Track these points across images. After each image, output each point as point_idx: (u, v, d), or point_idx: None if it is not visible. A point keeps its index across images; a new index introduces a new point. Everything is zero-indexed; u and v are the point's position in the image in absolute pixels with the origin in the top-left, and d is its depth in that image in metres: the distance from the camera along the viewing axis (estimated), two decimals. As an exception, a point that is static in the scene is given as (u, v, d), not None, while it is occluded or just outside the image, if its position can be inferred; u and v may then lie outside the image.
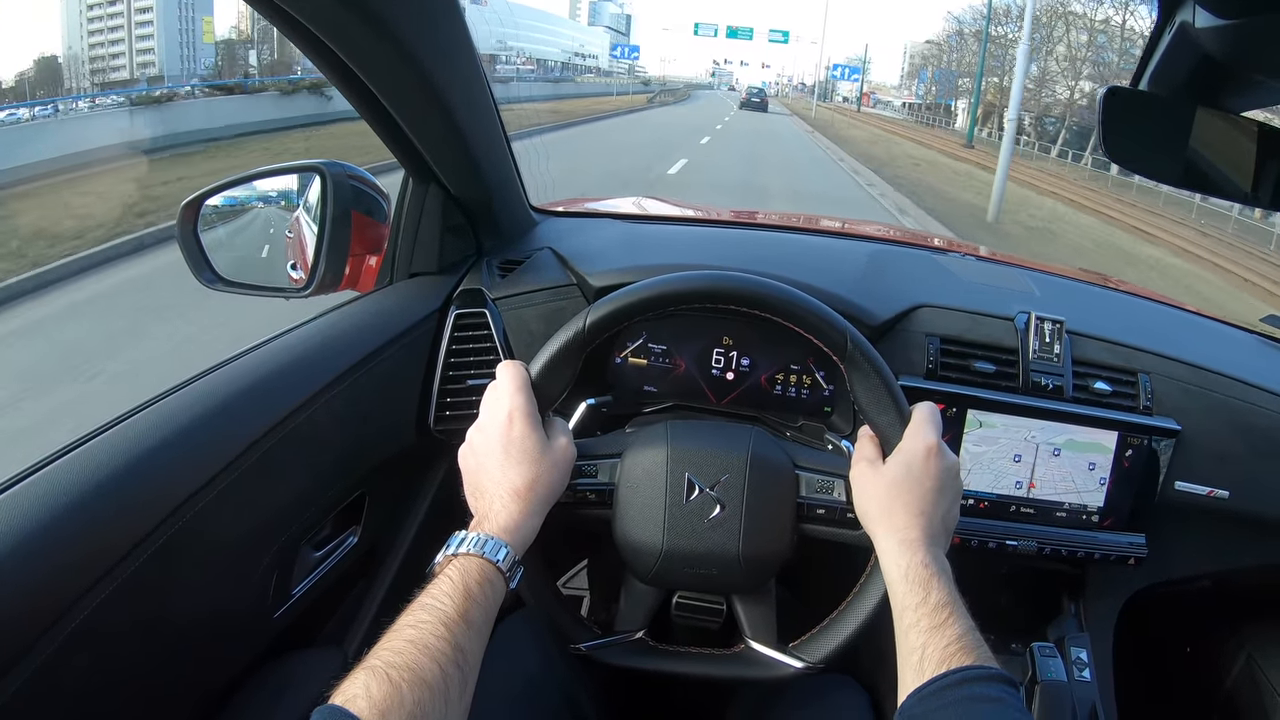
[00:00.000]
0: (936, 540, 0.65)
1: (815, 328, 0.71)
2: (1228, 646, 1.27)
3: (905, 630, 0.60)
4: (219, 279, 0.96)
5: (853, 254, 1.15)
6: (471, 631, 0.56)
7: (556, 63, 72.44)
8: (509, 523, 0.64)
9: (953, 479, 0.69)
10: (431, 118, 0.86)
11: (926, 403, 0.71)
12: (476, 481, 0.68)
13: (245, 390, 0.77)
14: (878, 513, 0.67)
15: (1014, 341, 0.99)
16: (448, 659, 0.53)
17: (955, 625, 0.58)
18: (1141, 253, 11.66)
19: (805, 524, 0.73)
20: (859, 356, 0.71)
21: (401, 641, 0.53)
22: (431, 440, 0.97)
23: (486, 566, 0.60)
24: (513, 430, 0.67)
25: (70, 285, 4.71)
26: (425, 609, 0.56)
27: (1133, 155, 0.76)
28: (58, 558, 0.57)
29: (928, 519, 0.65)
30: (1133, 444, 0.97)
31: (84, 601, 0.58)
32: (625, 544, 0.73)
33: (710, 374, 0.97)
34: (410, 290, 1.00)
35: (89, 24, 20.77)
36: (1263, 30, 0.57)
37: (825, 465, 0.74)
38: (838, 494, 0.72)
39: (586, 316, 0.71)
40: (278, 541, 0.79)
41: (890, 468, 0.68)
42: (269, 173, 0.99)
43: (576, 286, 1.00)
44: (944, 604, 0.60)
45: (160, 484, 0.65)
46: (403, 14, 0.72)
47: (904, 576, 0.62)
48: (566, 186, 2.71)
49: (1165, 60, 0.71)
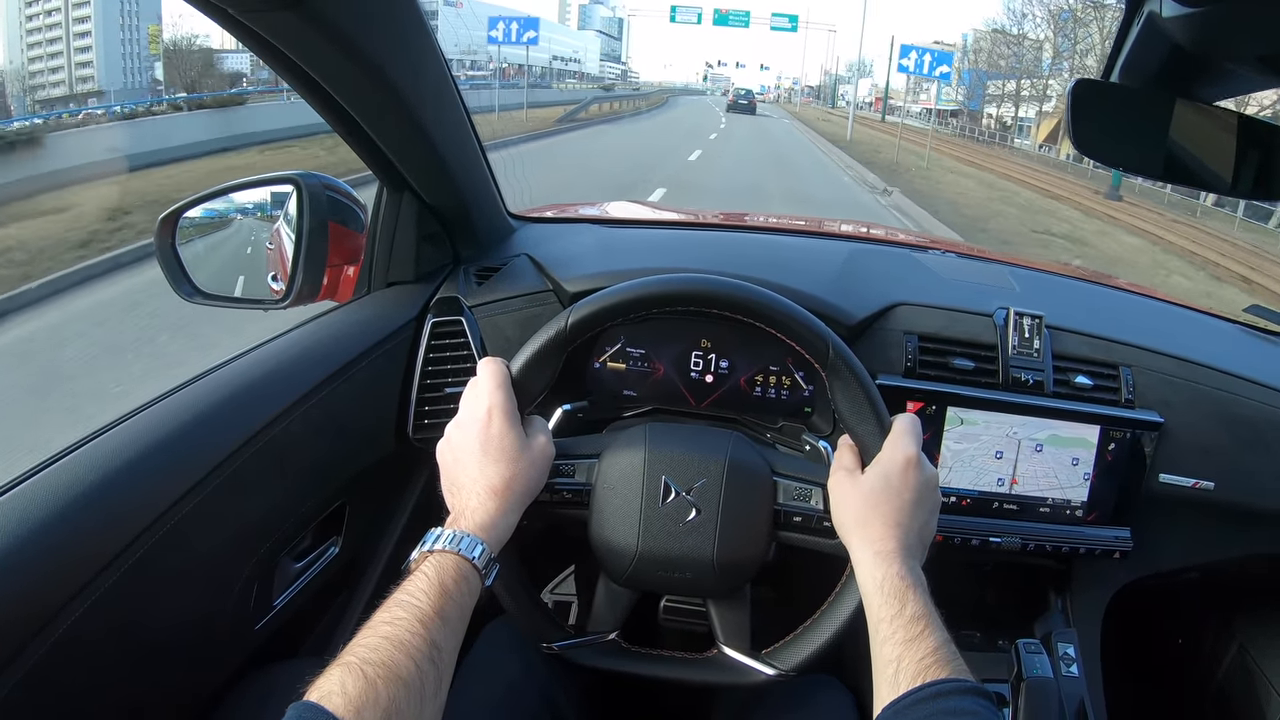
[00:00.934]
0: (912, 552, 0.64)
1: (798, 334, 0.71)
2: (1219, 638, 1.26)
3: (881, 642, 0.59)
4: (198, 292, 0.96)
5: (830, 254, 1.14)
6: (447, 628, 0.56)
7: (538, 68, 66.84)
8: (485, 520, 0.64)
9: (931, 491, 0.68)
10: (402, 130, 0.85)
11: (907, 414, 0.71)
12: (454, 477, 0.68)
13: (222, 402, 0.77)
14: (854, 523, 0.66)
15: (993, 337, 0.98)
16: (423, 655, 0.53)
17: (931, 638, 0.58)
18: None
19: (781, 531, 0.72)
20: (841, 365, 0.70)
21: (377, 638, 0.53)
22: (411, 449, 0.96)
23: (462, 563, 0.60)
24: (491, 427, 0.67)
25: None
26: (401, 605, 0.56)
27: (1103, 148, 0.75)
28: (39, 569, 0.57)
29: (904, 530, 0.65)
30: (1115, 438, 0.96)
31: (66, 612, 0.58)
32: (600, 545, 0.73)
33: (689, 377, 0.96)
34: (387, 299, 0.99)
35: (28, 36, 19.68)
36: (1228, 17, 0.56)
37: (803, 473, 0.73)
38: (815, 502, 0.71)
39: (569, 315, 0.71)
40: (258, 552, 0.79)
41: (869, 478, 0.67)
42: (245, 185, 0.99)
43: (552, 292, 0.99)
44: (919, 616, 0.59)
45: (139, 496, 0.65)
46: (370, 32, 0.71)
47: (879, 588, 0.61)
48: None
49: (1135, 51, 0.70)
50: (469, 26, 48.15)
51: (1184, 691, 1.30)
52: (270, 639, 0.83)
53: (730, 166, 14.20)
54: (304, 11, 0.63)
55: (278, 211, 1.00)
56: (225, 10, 0.63)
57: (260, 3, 0.63)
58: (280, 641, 0.86)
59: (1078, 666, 1.00)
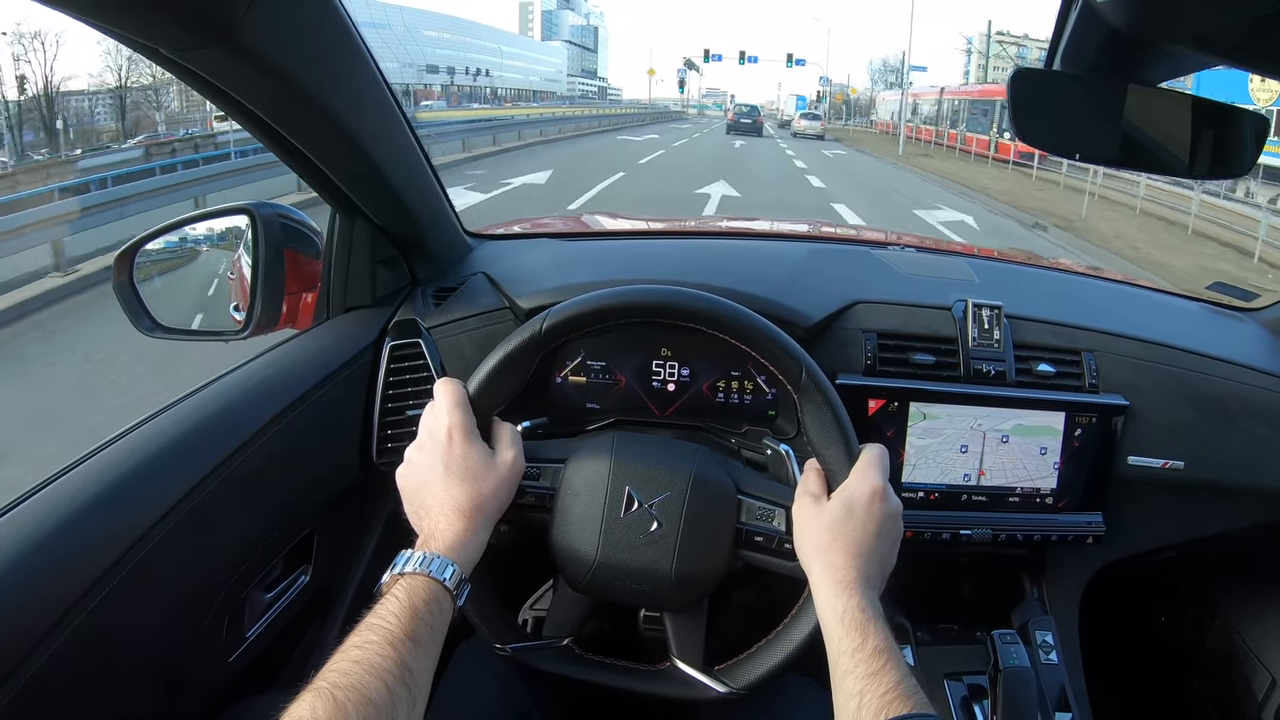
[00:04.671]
0: (872, 583, 0.63)
1: (772, 355, 0.70)
2: (1202, 614, 1.23)
3: (842, 675, 0.58)
4: (158, 326, 0.94)
5: (787, 256, 1.11)
6: (419, 650, 0.55)
7: (485, 88, 58.58)
8: (454, 541, 0.62)
9: (894, 524, 0.67)
10: (348, 157, 0.83)
11: (876, 445, 0.69)
12: (420, 500, 0.66)
13: (184, 435, 0.74)
14: (816, 549, 0.65)
15: (953, 330, 0.95)
16: (394, 678, 0.52)
17: (892, 672, 0.56)
18: None
19: (742, 550, 0.70)
20: (813, 389, 0.69)
21: (348, 662, 0.52)
22: (376, 474, 0.94)
23: (433, 585, 0.59)
24: (453, 448, 0.65)
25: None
26: (372, 629, 0.55)
27: (1050, 137, 0.73)
28: (4, 608, 0.56)
29: (865, 561, 0.63)
30: (1081, 423, 0.93)
31: (36, 653, 0.57)
32: (560, 550, 0.71)
33: (651, 387, 0.94)
34: (345, 325, 0.96)
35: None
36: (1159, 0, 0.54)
37: (768, 494, 0.71)
38: (778, 523, 0.69)
39: (544, 319, 0.69)
40: (227, 585, 0.77)
41: (833, 506, 0.66)
42: (198, 217, 0.96)
43: (509, 310, 0.97)
44: (881, 650, 0.57)
45: (103, 534, 0.64)
46: (306, 63, 0.69)
47: (840, 620, 0.60)
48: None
49: (1074, 38, 0.67)
50: (387, 44, 44.40)
51: (1170, 670, 1.27)
52: (245, 671, 0.81)
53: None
54: (236, 47, 0.61)
55: (223, 240, 0.98)
56: (157, 50, 0.62)
57: (191, 41, 0.61)
58: (256, 673, 0.84)
59: (1056, 654, 0.97)
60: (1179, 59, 0.68)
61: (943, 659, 0.97)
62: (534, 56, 75.02)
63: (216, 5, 0.58)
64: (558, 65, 78.39)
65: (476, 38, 61.60)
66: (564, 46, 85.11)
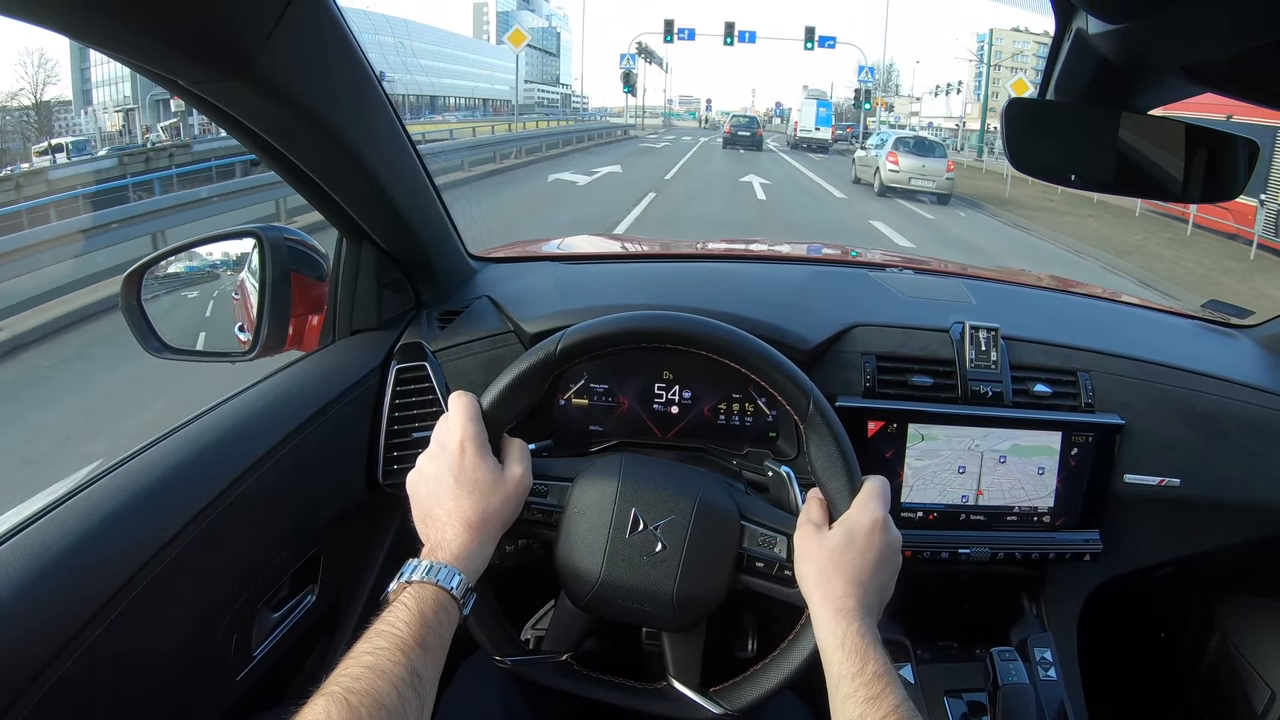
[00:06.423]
0: (870, 611, 0.63)
1: (780, 385, 0.70)
2: (1200, 629, 1.22)
3: (842, 700, 0.58)
4: (165, 347, 0.94)
5: (787, 279, 1.11)
6: (428, 656, 0.55)
7: (425, 97, 50.18)
8: (461, 551, 0.62)
9: (894, 555, 0.67)
10: (358, 184, 0.83)
11: (878, 476, 0.69)
12: (428, 509, 0.66)
13: (193, 457, 0.74)
14: (816, 577, 0.65)
15: (950, 352, 0.95)
16: (405, 684, 0.52)
17: (891, 696, 0.56)
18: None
19: (743, 575, 0.70)
20: (819, 420, 0.69)
21: (359, 668, 0.52)
22: (382, 495, 0.93)
23: (440, 594, 0.59)
24: (465, 460, 0.66)
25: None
26: (382, 635, 0.55)
27: (1044, 164, 0.73)
28: (16, 631, 0.57)
29: (864, 590, 0.63)
30: (1078, 443, 0.93)
31: (46, 674, 0.57)
32: (564, 567, 0.71)
33: (653, 409, 0.93)
34: (352, 347, 0.96)
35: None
36: (1150, 31, 0.54)
37: (771, 521, 0.71)
38: (779, 550, 0.69)
39: (559, 340, 0.70)
40: (234, 604, 0.76)
41: (835, 535, 0.66)
42: (206, 240, 0.96)
43: (513, 334, 0.97)
44: (880, 674, 0.57)
45: (113, 555, 0.64)
46: (321, 94, 0.70)
47: (840, 645, 0.60)
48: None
49: (1067, 68, 0.68)
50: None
51: (1168, 685, 1.26)
52: (252, 690, 0.81)
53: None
54: (253, 80, 0.62)
55: (230, 265, 0.98)
56: (176, 82, 0.62)
57: (210, 74, 0.62)
58: (263, 692, 0.83)
59: (1055, 670, 0.97)
60: (1168, 88, 0.68)
61: (943, 676, 0.96)
62: (486, 61, 64.65)
63: (235, 40, 0.58)
64: (510, 70, 61.33)
65: (422, 40, 53.86)
66: (520, 50, 79.86)
